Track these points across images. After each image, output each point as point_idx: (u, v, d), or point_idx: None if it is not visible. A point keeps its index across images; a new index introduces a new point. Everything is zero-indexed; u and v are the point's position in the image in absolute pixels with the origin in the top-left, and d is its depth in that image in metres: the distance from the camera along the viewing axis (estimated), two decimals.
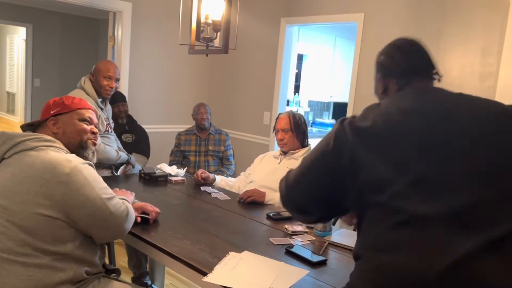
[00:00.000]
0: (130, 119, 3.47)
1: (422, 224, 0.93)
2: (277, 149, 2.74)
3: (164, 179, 2.58)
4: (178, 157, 3.66)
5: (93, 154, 1.61)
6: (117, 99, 3.26)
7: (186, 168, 2.99)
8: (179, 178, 2.61)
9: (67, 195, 1.33)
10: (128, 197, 1.73)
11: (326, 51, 5.47)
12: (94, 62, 2.93)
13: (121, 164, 2.83)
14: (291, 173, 1.23)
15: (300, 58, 5.34)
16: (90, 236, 1.43)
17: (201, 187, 2.47)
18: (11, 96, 9.29)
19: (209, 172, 2.66)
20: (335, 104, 6.14)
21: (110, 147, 2.68)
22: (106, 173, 2.73)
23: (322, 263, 1.50)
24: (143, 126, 3.55)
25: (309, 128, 3.29)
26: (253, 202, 2.21)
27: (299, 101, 5.43)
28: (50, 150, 1.40)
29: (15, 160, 1.38)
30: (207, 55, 2.49)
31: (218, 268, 1.39)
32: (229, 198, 2.28)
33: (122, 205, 1.47)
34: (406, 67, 1.20)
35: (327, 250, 1.64)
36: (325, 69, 5.51)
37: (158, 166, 2.71)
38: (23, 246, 1.30)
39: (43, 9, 6.90)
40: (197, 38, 2.29)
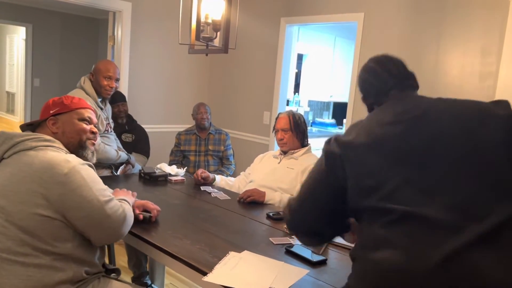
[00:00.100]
0: (130, 118, 3.47)
1: (412, 222, 0.97)
2: (277, 149, 2.74)
3: (164, 179, 2.58)
4: (178, 157, 3.66)
5: (93, 154, 1.60)
6: (117, 99, 3.27)
7: (186, 167, 2.99)
8: (179, 177, 2.61)
9: (64, 195, 1.32)
10: (129, 198, 1.69)
11: (326, 51, 5.47)
12: (94, 62, 2.93)
13: (121, 164, 2.83)
14: (292, 200, 1.27)
15: (300, 58, 5.33)
16: (88, 238, 1.42)
17: (201, 187, 2.47)
18: (10, 96, 9.29)
19: (209, 171, 2.66)
20: (335, 104, 6.14)
21: (110, 146, 2.68)
22: (106, 172, 2.73)
23: (322, 262, 1.50)
24: (143, 126, 3.55)
25: (309, 128, 3.28)
26: (253, 202, 2.21)
27: (299, 100, 5.42)
28: (49, 150, 1.39)
29: (14, 160, 1.37)
30: (207, 55, 2.49)
31: (218, 267, 1.39)
32: (229, 198, 2.28)
33: (119, 208, 1.45)
34: (379, 86, 1.27)
35: (327, 249, 1.64)
36: (325, 69, 5.51)
37: (158, 166, 2.71)
38: (22, 246, 1.30)
39: (43, 8, 6.90)
40: (197, 37, 2.29)
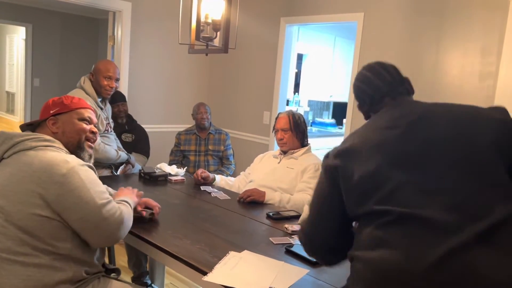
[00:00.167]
0: (130, 118, 3.47)
1: (411, 222, 0.98)
2: (276, 149, 2.74)
3: (164, 179, 2.58)
4: (178, 157, 3.66)
5: (90, 157, 1.57)
6: (117, 99, 3.27)
7: (186, 167, 2.98)
8: (179, 177, 2.61)
9: (61, 196, 1.32)
10: (131, 198, 1.66)
11: (326, 51, 5.47)
12: (93, 62, 2.93)
13: (121, 164, 2.83)
14: (303, 224, 1.27)
15: (300, 57, 5.33)
16: (85, 240, 1.40)
17: (201, 187, 2.47)
18: (10, 96, 9.28)
19: (209, 171, 2.66)
20: (335, 103, 6.14)
21: (110, 146, 2.68)
22: (106, 172, 2.73)
23: None
24: (143, 126, 3.55)
25: (308, 128, 3.28)
26: (253, 202, 2.21)
27: (299, 100, 5.42)
28: (49, 150, 1.39)
29: (14, 160, 1.37)
30: (207, 55, 2.49)
31: (218, 267, 1.39)
32: (229, 198, 2.28)
33: (117, 210, 1.43)
34: (373, 94, 1.28)
35: None
36: (325, 69, 5.51)
37: (158, 166, 2.71)
38: (22, 245, 1.30)
39: (42, 8, 6.90)
40: (197, 37, 2.29)
